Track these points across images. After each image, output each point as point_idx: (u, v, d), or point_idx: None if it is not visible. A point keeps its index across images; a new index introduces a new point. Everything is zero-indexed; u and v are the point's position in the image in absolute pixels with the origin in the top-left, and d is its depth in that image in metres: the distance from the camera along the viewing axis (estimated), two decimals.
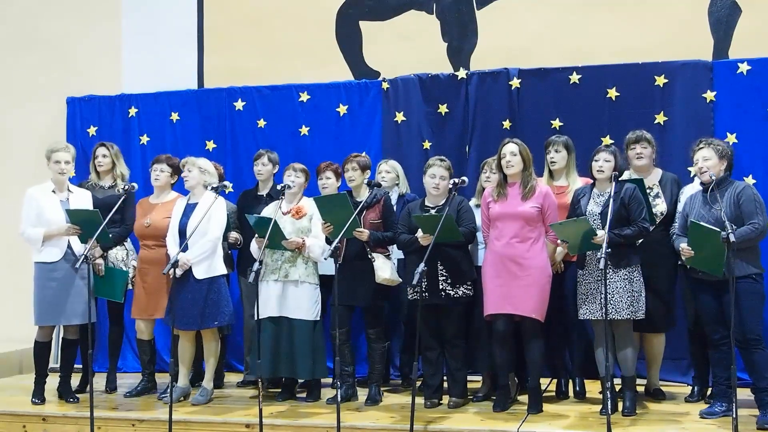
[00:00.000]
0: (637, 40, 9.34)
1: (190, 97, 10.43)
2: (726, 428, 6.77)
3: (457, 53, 10.05)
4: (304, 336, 7.95)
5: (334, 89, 9.97)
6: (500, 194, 7.55)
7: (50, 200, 8.21)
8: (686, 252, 6.96)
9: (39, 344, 8.33)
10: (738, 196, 7.01)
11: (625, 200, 7.28)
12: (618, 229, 7.18)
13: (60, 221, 8.11)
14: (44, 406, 8.20)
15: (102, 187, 8.78)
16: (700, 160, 7.14)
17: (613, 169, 7.34)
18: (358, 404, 8.00)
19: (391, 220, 8.01)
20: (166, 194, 8.54)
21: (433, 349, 7.83)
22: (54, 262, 8.14)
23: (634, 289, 7.27)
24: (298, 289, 7.98)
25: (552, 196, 7.58)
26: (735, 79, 8.76)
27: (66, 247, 8.16)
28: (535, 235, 7.45)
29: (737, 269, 6.78)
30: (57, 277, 8.14)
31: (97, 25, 11.10)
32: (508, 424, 7.12)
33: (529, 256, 7.40)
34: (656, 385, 8.14)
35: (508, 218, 7.45)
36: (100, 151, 8.85)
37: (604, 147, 7.58)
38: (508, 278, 7.39)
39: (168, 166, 8.50)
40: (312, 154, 9.42)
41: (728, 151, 7.23)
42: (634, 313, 7.26)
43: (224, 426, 7.52)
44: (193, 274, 7.89)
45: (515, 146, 7.52)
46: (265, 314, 7.92)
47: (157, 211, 8.38)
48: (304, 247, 7.91)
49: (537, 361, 7.52)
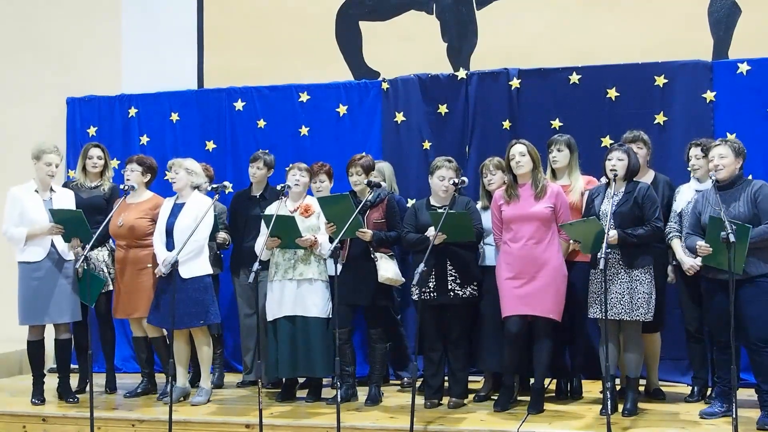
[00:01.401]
0: (637, 40, 9.34)
1: (190, 98, 10.45)
2: (726, 428, 6.77)
3: (456, 53, 10.04)
4: (320, 334, 7.94)
5: (334, 89, 9.98)
6: (512, 196, 7.53)
7: (33, 200, 8.20)
8: (704, 250, 6.86)
9: (31, 344, 8.34)
10: (755, 195, 6.94)
11: (639, 200, 7.26)
12: (631, 229, 7.18)
13: (43, 221, 8.11)
14: (44, 406, 8.20)
15: (87, 187, 8.77)
16: (716, 158, 7.08)
17: (627, 168, 7.32)
18: (358, 404, 7.99)
19: (395, 220, 8.00)
20: (141, 194, 8.51)
21: (436, 349, 7.82)
22: (37, 261, 8.13)
23: (645, 290, 7.24)
24: (312, 287, 7.98)
25: (563, 194, 7.58)
26: (735, 80, 8.77)
27: (49, 246, 8.15)
28: (549, 235, 7.44)
29: (753, 269, 6.77)
30: (40, 276, 8.13)
31: (97, 25, 11.10)
32: (509, 424, 7.11)
33: (547, 256, 7.40)
34: (656, 385, 8.13)
35: (523, 220, 7.44)
36: (95, 152, 8.83)
37: (617, 146, 7.50)
38: (526, 279, 7.38)
39: (138, 165, 8.48)
40: (312, 155, 9.39)
41: (744, 149, 7.19)
42: (645, 315, 7.25)
43: (224, 426, 7.52)
44: (179, 273, 7.87)
45: (523, 146, 7.51)
46: (280, 314, 7.94)
47: (130, 212, 8.36)
48: (317, 244, 7.91)
49: (545, 361, 7.51)
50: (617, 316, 7.25)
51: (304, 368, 8.02)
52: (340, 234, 7.30)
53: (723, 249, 6.54)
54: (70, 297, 8.10)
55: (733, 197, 6.94)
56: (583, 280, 7.58)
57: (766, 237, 6.80)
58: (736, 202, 6.89)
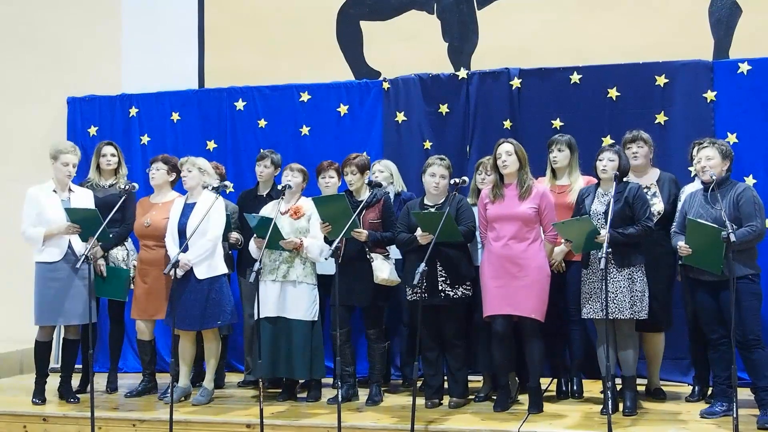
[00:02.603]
0: (638, 39, 9.34)
1: (190, 97, 10.45)
2: (726, 428, 6.76)
3: (457, 53, 10.05)
4: (302, 336, 7.95)
5: (335, 89, 9.98)
6: (497, 195, 7.54)
7: (51, 199, 8.20)
8: (684, 250, 6.98)
9: (39, 344, 8.32)
10: (738, 198, 7.01)
11: (630, 199, 7.28)
12: (622, 228, 7.19)
13: (60, 220, 8.10)
14: (45, 406, 8.19)
15: (102, 186, 8.76)
16: (703, 159, 7.14)
17: (617, 169, 7.34)
18: (358, 404, 8.00)
19: (391, 220, 8.00)
20: (166, 194, 8.52)
21: (433, 349, 7.81)
22: (54, 262, 8.13)
23: (638, 288, 7.26)
24: (296, 289, 7.98)
25: (549, 196, 7.58)
26: (735, 79, 8.77)
27: (66, 247, 8.15)
28: (533, 235, 7.45)
29: (736, 270, 6.79)
30: (58, 277, 8.12)
31: (98, 25, 11.10)
32: (509, 424, 7.11)
33: (528, 256, 7.40)
34: (657, 385, 8.14)
35: (506, 219, 7.45)
36: (108, 149, 8.81)
37: (608, 146, 7.54)
38: (508, 279, 7.38)
39: (164, 164, 8.49)
40: (312, 154, 9.42)
41: (731, 151, 7.24)
42: (637, 313, 7.26)
43: (225, 426, 7.52)
44: (194, 274, 7.88)
45: (510, 146, 7.52)
46: (263, 314, 7.92)
47: (156, 211, 8.36)
48: (302, 247, 7.91)
49: (537, 361, 7.52)
50: (611, 315, 7.25)
51: (283, 369, 8.04)
52: (340, 234, 7.30)
53: (701, 250, 6.73)
54: (84, 299, 8.07)
55: (718, 198, 6.97)
56: (579, 279, 7.59)
57: (746, 239, 6.86)
58: (720, 203, 6.92)
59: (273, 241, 7.72)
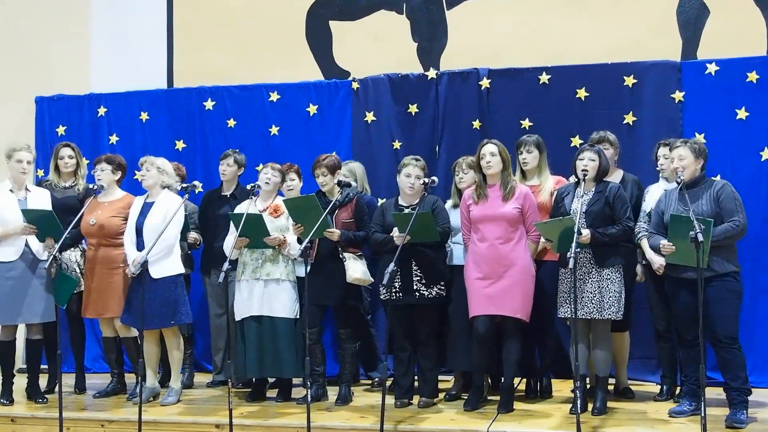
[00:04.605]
0: (607, 40, 9.38)
1: (159, 97, 10.40)
2: (695, 427, 6.81)
3: (427, 53, 10.06)
4: (287, 334, 7.95)
5: (304, 89, 9.96)
6: (480, 196, 7.55)
7: (8, 199, 8.16)
8: (667, 248, 6.93)
9: (3, 344, 8.28)
10: (717, 194, 7.01)
11: (610, 199, 7.31)
12: (603, 228, 7.21)
13: (17, 220, 8.07)
14: (12, 406, 8.15)
15: (62, 187, 8.73)
16: (676, 159, 7.15)
17: (597, 169, 7.36)
18: (328, 404, 7.99)
19: (364, 219, 8.00)
20: (112, 193, 8.45)
21: (405, 349, 7.82)
22: (11, 261, 8.10)
23: (616, 289, 7.28)
24: (279, 287, 7.98)
25: (532, 196, 7.59)
26: (703, 80, 8.82)
27: (23, 246, 8.12)
28: (517, 235, 7.47)
29: (718, 267, 6.84)
30: (14, 276, 8.10)
31: (67, 24, 11.03)
32: (478, 423, 7.12)
33: (514, 256, 7.42)
34: (625, 384, 8.17)
35: (491, 220, 7.46)
36: (65, 151, 8.79)
37: (588, 146, 7.54)
38: (493, 279, 7.40)
39: (108, 164, 8.42)
40: (282, 154, 9.39)
41: (704, 149, 7.25)
42: (615, 314, 7.28)
43: (194, 426, 7.51)
44: (149, 273, 7.85)
45: (494, 147, 7.53)
46: (247, 313, 7.94)
47: (102, 210, 8.30)
48: (285, 244, 7.90)
49: (514, 360, 7.53)
50: (588, 316, 7.28)
51: (271, 369, 8.02)
52: (310, 234, 7.29)
53: (686, 246, 6.58)
54: (43, 297, 8.07)
55: (695, 197, 7.00)
56: (551, 279, 7.62)
57: (729, 235, 6.88)
58: (698, 201, 6.95)
59: (258, 239, 7.73)
